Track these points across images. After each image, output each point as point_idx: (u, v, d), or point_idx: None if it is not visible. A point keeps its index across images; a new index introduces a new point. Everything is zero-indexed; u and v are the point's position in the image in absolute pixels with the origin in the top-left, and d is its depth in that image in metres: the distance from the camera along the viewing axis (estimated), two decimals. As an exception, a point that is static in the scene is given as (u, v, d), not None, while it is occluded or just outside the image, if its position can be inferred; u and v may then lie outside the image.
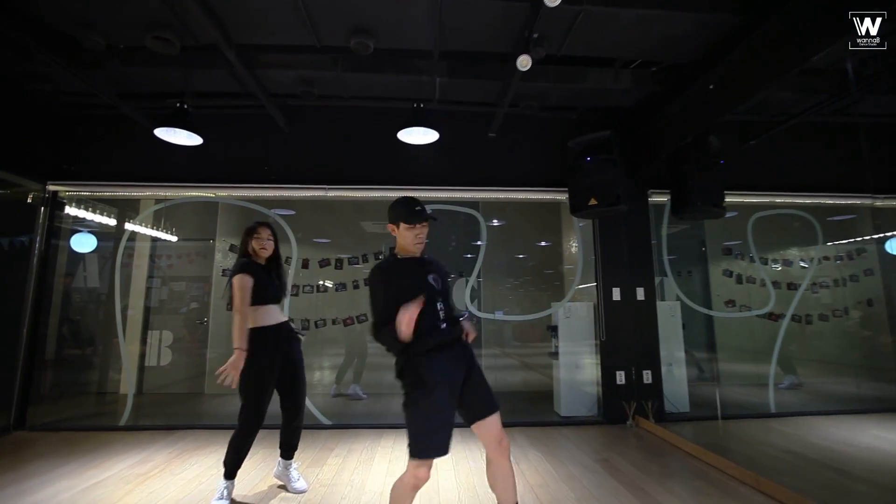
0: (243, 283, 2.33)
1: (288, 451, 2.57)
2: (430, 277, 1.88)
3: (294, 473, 2.57)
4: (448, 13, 2.69)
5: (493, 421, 1.79)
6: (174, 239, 5.69)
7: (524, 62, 2.67)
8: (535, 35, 2.63)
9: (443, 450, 1.67)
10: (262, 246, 2.48)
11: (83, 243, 4.46)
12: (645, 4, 2.64)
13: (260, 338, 2.36)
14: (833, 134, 4.54)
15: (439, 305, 1.83)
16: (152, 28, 2.76)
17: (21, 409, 3.75)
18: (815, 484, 2.70)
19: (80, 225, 4.45)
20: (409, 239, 1.84)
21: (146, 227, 5.28)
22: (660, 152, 3.72)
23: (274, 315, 2.46)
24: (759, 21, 2.66)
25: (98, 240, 4.54)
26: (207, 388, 5.33)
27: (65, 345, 5.22)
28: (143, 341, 5.19)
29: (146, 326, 5.41)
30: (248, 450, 2.37)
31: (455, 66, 3.36)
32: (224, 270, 5.12)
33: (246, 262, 2.43)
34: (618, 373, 4.09)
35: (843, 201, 4.75)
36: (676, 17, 2.74)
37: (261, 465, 2.96)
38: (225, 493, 2.33)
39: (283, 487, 2.58)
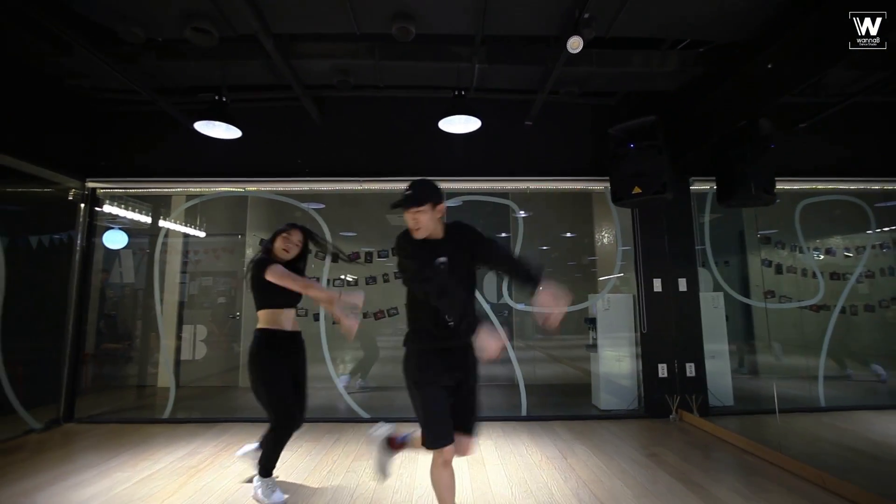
0: (280, 272, 2.20)
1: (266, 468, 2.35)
2: (439, 261, 1.69)
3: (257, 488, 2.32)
4: (494, -5, 2.59)
5: (462, 441, 1.82)
6: (204, 234, 5.75)
7: (575, 44, 2.56)
8: (587, 15, 2.51)
9: (446, 439, 1.71)
10: (286, 248, 2.39)
11: (114, 240, 4.50)
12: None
13: (267, 340, 2.31)
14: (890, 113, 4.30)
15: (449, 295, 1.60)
16: (192, 19, 2.73)
17: (69, 402, 3.83)
18: (880, 482, 2.57)
19: (111, 222, 4.50)
20: (408, 222, 1.73)
21: (179, 223, 5.33)
22: (708, 137, 3.56)
23: (286, 320, 2.37)
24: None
25: (130, 236, 4.59)
26: (241, 381, 5.40)
27: (102, 339, 5.35)
28: (178, 336, 5.27)
29: (180, 321, 5.49)
30: (279, 450, 2.33)
31: (495, 52, 3.26)
32: (255, 265, 5.16)
33: (265, 259, 2.32)
34: (660, 366, 3.99)
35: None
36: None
37: (307, 458, 2.97)
38: (267, 488, 2.30)
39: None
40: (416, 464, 2.86)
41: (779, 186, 4.29)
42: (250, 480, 2.44)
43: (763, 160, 3.47)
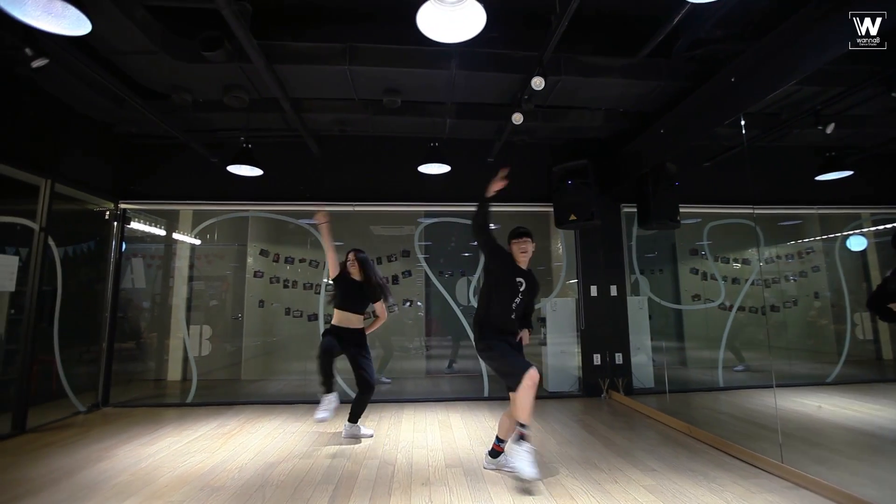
0: (336, 257, 3.53)
1: (353, 416, 3.50)
2: (518, 279, 2.74)
3: (361, 429, 3.54)
4: (460, 79, 3.53)
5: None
6: (211, 245, 6.49)
7: (517, 118, 3.52)
8: (526, 97, 3.48)
9: (525, 366, 2.52)
10: (348, 269, 3.52)
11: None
12: (612, 74, 3.50)
13: (331, 329, 3.45)
14: (774, 154, 5.46)
15: (515, 303, 2.72)
16: (230, 90, 3.56)
17: (106, 390, 4.56)
18: (734, 432, 3.61)
19: (129, 233, 5.20)
20: (515, 251, 2.77)
21: (192, 237, 6.07)
22: (627, 176, 4.60)
23: (345, 320, 3.44)
24: (696, 86, 3.53)
25: (144, 245, 5.28)
26: (244, 374, 6.16)
27: (124, 338, 6.02)
28: (187, 334, 5.98)
29: (188, 322, 6.21)
30: (325, 373, 3.33)
31: (463, 112, 4.21)
32: (256, 272, 5.96)
33: (339, 275, 3.50)
34: (595, 355, 5.00)
35: (784, 211, 5.69)
36: (636, 83, 3.60)
37: (315, 427, 3.82)
38: (330, 402, 3.37)
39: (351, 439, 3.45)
40: (399, 428, 3.75)
41: (693, 210, 5.41)
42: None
43: (668, 195, 4.52)
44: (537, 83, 3.43)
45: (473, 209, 2.80)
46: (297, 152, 4.96)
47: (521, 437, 2.59)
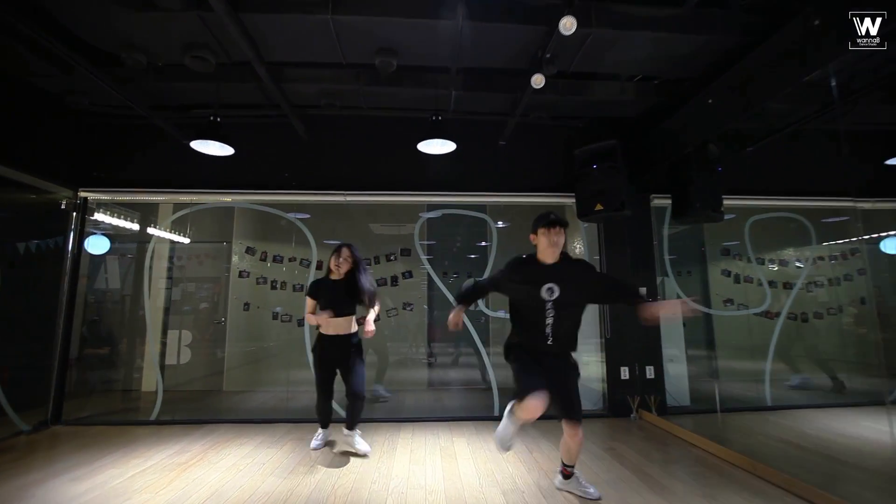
0: (308, 301, 3.19)
1: (348, 424, 3.19)
2: (546, 287, 2.19)
3: (357, 439, 3.18)
4: (468, 35, 2.91)
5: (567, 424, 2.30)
6: (191, 241, 5.89)
7: (538, 80, 2.88)
8: (548, 55, 2.84)
9: (531, 388, 2.05)
10: (337, 264, 3.14)
11: (97, 245, 4.60)
12: (652, 27, 2.85)
13: (318, 341, 3.15)
14: (825, 140, 4.77)
15: (549, 319, 2.22)
16: (191, 48, 2.96)
17: (57, 405, 3.95)
18: (807, 469, 2.92)
19: (96, 228, 4.61)
20: (544, 243, 2.23)
21: (167, 231, 5.47)
22: (662, 160, 3.93)
23: (335, 326, 3.08)
24: (758, 42, 2.88)
25: (118, 242, 4.70)
26: (226, 385, 5.54)
27: (86, 344, 5.43)
28: (163, 341, 5.38)
29: (165, 326, 5.60)
30: (319, 412, 3.28)
31: (470, 81, 3.57)
32: (241, 272, 5.34)
33: (313, 283, 3.23)
34: (622, 368, 4.31)
35: (835, 204, 4.98)
36: (681, 38, 2.95)
37: (291, 454, 3.17)
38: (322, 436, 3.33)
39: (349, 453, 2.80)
40: (392, 457, 3.10)
41: (734, 203, 4.73)
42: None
43: (711, 182, 3.85)
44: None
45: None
46: (280, 134, 4.35)
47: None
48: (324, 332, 3.11)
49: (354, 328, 3.19)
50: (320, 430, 3.35)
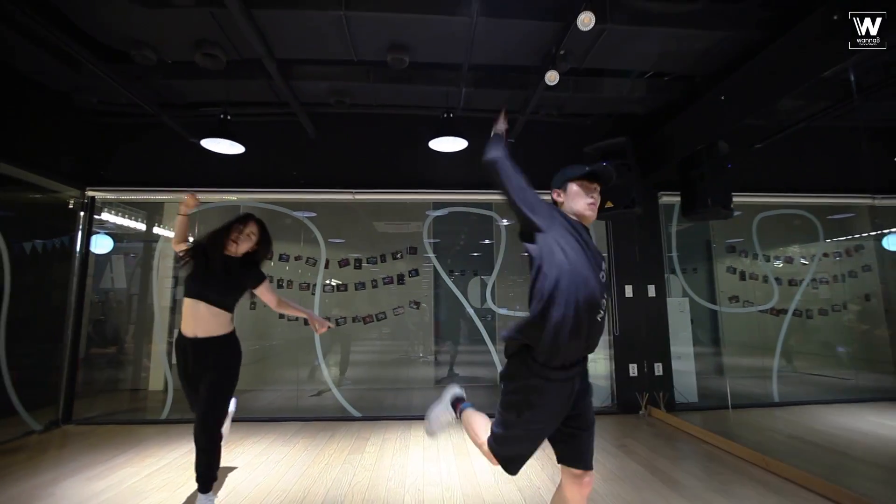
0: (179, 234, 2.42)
1: (200, 484, 2.16)
2: (604, 268, 1.52)
3: None
4: (482, 31, 2.89)
5: (580, 477, 1.54)
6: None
7: (552, 77, 2.87)
8: (563, 52, 2.83)
9: (520, 462, 1.54)
10: (233, 239, 2.24)
11: (101, 245, 4.58)
12: (668, 22, 2.84)
13: (176, 344, 2.25)
14: (833, 136, 4.77)
15: (599, 316, 1.44)
16: (202, 45, 2.94)
17: (68, 404, 3.94)
18: (818, 463, 2.93)
19: (102, 227, 4.58)
20: (580, 203, 1.53)
21: (172, 230, 5.45)
22: (671, 157, 3.93)
23: (192, 315, 2.16)
24: (774, 37, 2.86)
25: (123, 241, 4.67)
26: (233, 383, 5.53)
27: (91, 344, 5.42)
28: (170, 340, 5.37)
29: (172, 326, 5.59)
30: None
31: (481, 78, 3.55)
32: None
33: (197, 245, 2.26)
34: (630, 366, 4.32)
35: (842, 200, 4.98)
36: (696, 34, 2.94)
37: (304, 452, 3.18)
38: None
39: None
40: (406, 455, 3.10)
41: (739, 200, 4.73)
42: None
43: (720, 179, 3.84)
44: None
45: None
46: (288, 132, 4.33)
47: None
48: (184, 330, 2.17)
49: (229, 328, 2.26)
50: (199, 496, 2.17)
